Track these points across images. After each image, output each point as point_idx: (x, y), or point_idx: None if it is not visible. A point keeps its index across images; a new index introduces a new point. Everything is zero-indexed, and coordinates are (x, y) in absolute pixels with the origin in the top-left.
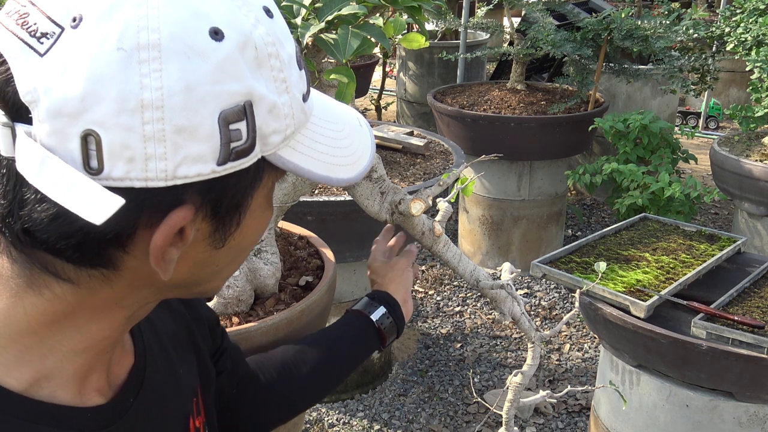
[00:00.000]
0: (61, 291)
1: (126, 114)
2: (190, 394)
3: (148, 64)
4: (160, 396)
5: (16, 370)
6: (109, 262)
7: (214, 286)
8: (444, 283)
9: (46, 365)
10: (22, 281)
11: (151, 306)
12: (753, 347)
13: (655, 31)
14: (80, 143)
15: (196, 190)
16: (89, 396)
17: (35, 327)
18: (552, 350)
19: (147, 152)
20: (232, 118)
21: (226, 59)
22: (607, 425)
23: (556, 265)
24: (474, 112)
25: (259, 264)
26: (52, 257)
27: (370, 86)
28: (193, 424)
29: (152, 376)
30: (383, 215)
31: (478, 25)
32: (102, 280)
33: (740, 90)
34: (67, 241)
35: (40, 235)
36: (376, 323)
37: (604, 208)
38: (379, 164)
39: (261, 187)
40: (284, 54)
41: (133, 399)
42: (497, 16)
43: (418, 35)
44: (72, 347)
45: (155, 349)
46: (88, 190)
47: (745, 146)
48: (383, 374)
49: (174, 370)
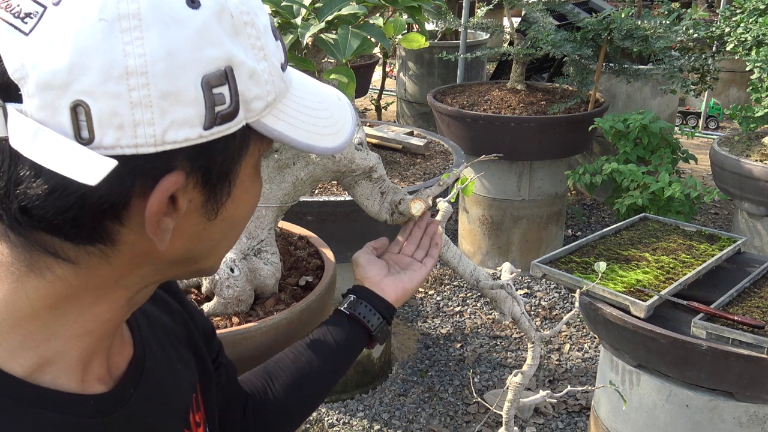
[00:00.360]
0: (62, 272)
1: (112, 82)
2: (189, 389)
3: (129, 32)
4: (160, 388)
5: (20, 355)
6: (106, 237)
7: (212, 263)
8: (444, 283)
9: (49, 350)
10: (23, 266)
11: (151, 289)
12: (753, 347)
13: (655, 31)
14: (70, 114)
15: (185, 155)
16: (91, 384)
17: (38, 311)
18: (552, 350)
19: (135, 118)
20: (214, 83)
21: (203, 26)
22: (607, 425)
23: (556, 265)
24: (474, 112)
25: (259, 264)
26: (51, 237)
27: (370, 86)
28: (193, 419)
29: (151, 368)
30: (383, 215)
31: (478, 25)
32: (101, 257)
33: (740, 90)
34: (63, 215)
35: (37, 212)
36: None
37: (604, 208)
38: (379, 164)
39: (248, 155)
40: (259, 23)
41: (133, 389)
42: (497, 16)
43: (418, 35)
44: (75, 331)
45: (153, 343)
46: (81, 156)
47: (745, 146)
48: (383, 374)
49: (172, 365)
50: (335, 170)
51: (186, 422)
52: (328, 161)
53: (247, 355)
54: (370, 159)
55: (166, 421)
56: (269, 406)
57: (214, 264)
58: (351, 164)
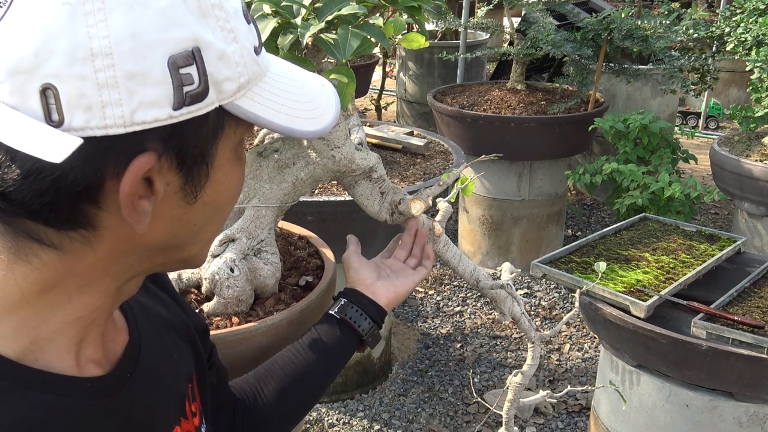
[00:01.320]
0: (48, 258)
1: (78, 64)
2: (185, 378)
3: (93, 15)
4: (156, 374)
5: (13, 341)
6: (85, 221)
7: (197, 251)
8: (444, 283)
9: (40, 336)
10: (10, 253)
11: (140, 280)
12: (753, 347)
13: (655, 31)
14: (40, 98)
15: (156, 136)
16: (87, 367)
17: (28, 298)
18: (552, 350)
19: (102, 99)
20: (181, 63)
21: (168, 7)
22: (607, 425)
23: (556, 265)
24: (474, 112)
25: (259, 264)
26: (34, 223)
27: (370, 86)
28: (189, 407)
29: (147, 355)
30: (383, 215)
31: (478, 25)
32: (83, 243)
33: (740, 90)
34: (40, 199)
35: (15, 197)
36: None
37: (604, 208)
38: (379, 164)
39: (224, 138)
40: (228, 6)
41: (130, 374)
42: (497, 16)
43: (418, 35)
44: (65, 317)
45: (149, 331)
46: (49, 136)
47: (745, 146)
48: (383, 374)
49: (168, 354)
50: (335, 170)
51: (182, 410)
52: (328, 161)
53: (247, 355)
54: (370, 159)
55: (163, 406)
56: (259, 411)
57: (199, 252)
58: (351, 164)
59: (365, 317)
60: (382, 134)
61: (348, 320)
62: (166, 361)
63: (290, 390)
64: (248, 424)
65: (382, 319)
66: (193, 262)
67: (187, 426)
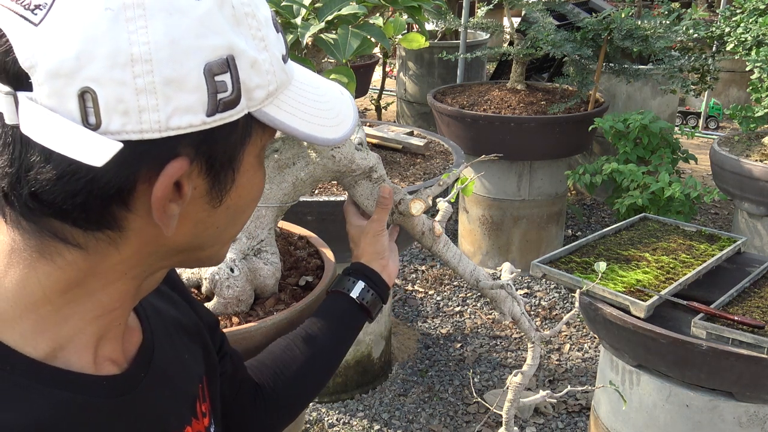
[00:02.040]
0: (72, 258)
1: (118, 69)
2: (196, 379)
3: (134, 21)
4: (168, 374)
5: (33, 339)
6: (114, 223)
7: (217, 251)
8: (444, 283)
9: (60, 334)
10: (34, 251)
11: (158, 277)
12: (753, 347)
13: (655, 31)
14: (78, 101)
15: (189, 142)
16: (103, 366)
17: (50, 296)
18: (552, 350)
19: (140, 104)
20: (216, 70)
21: (205, 15)
22: (607, 425)
23: (556, 265)
24: (474, 112)
25: (259, 264)
26: (61, 223)
27: (370, 86)
28: (199, 408)
29: (160, 355)
30: None
31: (478, 25)
32: (109, 243)
33: (740, 90)
34: (72, 200)
35: (47, 197)
36: (357, 300)
37: (604, 208)
38: (379, 164)
39: (251, 144)
40: (260, 15)
41: (144, 374)
42: (497, 16)
43: (418, 35)
44: (85, 316)
45: (160, 332)
46: (88, 139)
47: (745, 146)
48: (383, 374)
49: (179, 354)
50: (335, 170)
51: (193, 410)
52: (328, 161)
53: (247, 355)
54: (370, 159)
55: (175, 406)
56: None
57: (219, 251)
58: (351, 164)
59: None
60: (382, 134)
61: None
62: (177, 361)
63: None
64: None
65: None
66: (212, 261)
67: (198, 426)
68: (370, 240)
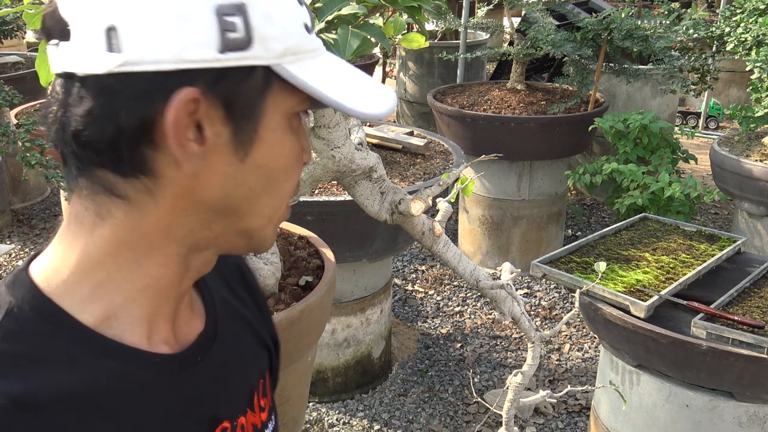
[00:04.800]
0: (119, 215)
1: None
2: (257, 374)
3: None
4: (228, 364)
5: (90, 305)
6: (145, 165)
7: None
8: (444, 283)
9: (115, 302)
10: (92, 215)
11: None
12: (753, 347)
13: (655, 31)
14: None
15: (204, 78)
16: (156, 344)
17: (103, 260)
18: (552, 350)
19: (156, 36)
20: (227, 11)
21: None
22: (607, 425)
23: (556, 265)
24: (474, 112)
25: (259, 264)
26: (103, 171)
27: None
28: (257, 401)
29: (221, 344)
30: (383, 215)
31: (478, 25)
32: (146, 193)
33: (740, 90)
34: (102, 137)
35: (84, 136)
36: None
37: (604, 208)
38: (379, 164)
39: (273, 99)
40: None
41: (201, 358)
42: (497, 16)
43: (418, 35)
44: (135, 285)
45: (228, 325)
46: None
47: (745, 146)
48: (383, 374)
49: (243, 350)
50: (335, 170)
51: (250, 402)
52: (328, 161)
53: None
54: (370, 159)
55: (231, 395)
56: None
57: (262, 228)
58: (351, 164)
59: None
60: (382, 134)
61: None
62: (240, 354)
63: None
64: None
65: None
66: (255, 239)
67: (253, 419)
68: None
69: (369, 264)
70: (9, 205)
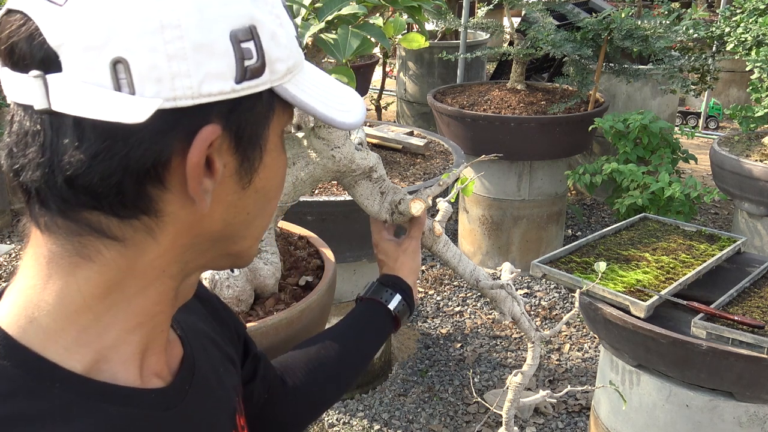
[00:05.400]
0: (110, 255)
1: (148, 35)
2: (232, 392)
3: None
4: (210, 388)
5: (76, 352)
6: (149, 206)
7: (248, 246)
8: (444, 283)
9: (104, 345)
10: (73, 256)
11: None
12: (753, 347)
13: (655, 31)
14: (110, 72)
15: (219, 111)
16: (149, 379)
17: (89, 303)
18: (552, 350)
19: (172, 71)
20: (242, 37)
21: None
22: (607, 425)
23: (556, 265)
24: (474, 112)
25: (259, 264)
26: (97, 214)
27: (370, 86)
28: (239, 421)
29: (200, 368)
30: (383, 215)
31: (478, 25)
32: (146, 233)
33: (740, 90)
34: (108, 181)
35: (82, 181)
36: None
37: (604, 208)
38: (379, 164)
39: (274, 120)
40: None
41: (188, 386)
42: (497, 16)
43: (418, 35)
44: (126, 324)
45: (197, 345)
46: (126, 101)
47: (745, 146)
48: (383, 374)
49: (215, 367)
50: (335, 170)
51: (233, 423)
52: (328, 161)
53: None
54: (370, 159)
55: (219, 418)
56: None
57: (249, 248)
58: (351, 164)
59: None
60: (382, 134)
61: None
62: (215, 374)
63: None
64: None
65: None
66: (243, 258)
67: None
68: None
69: (369, 264)
70: (9, 205)
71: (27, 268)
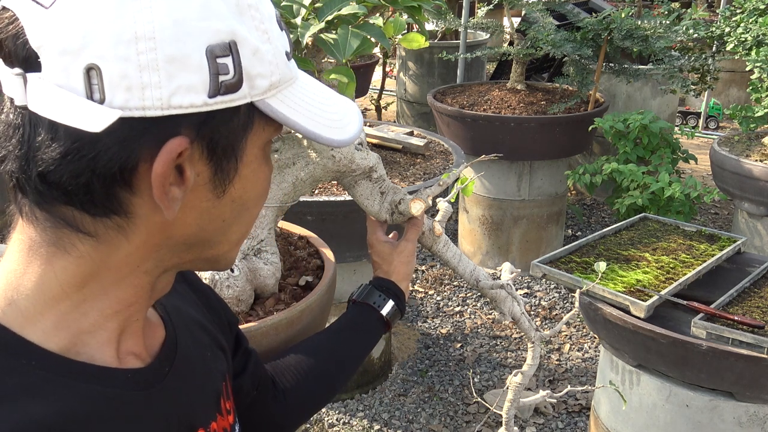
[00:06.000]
0: (85, 249)
1: (122, 45)
2: (219, 376)
3: (139, 1)
4: (193, 370)
5: (54, 335)
6: (119, 207)
7: (226, 251)
8: (444, 283)
9: (81, 329)
10: (50, 245)
11: (171, 276)
12: (753, 347)
13: (655, 31)
14: (84, 78)
15: (190, 122)
16: (126, 359)
17: (68, 291)
18: (552, 350)
19: (143, 81)
20: (218, 53)
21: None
22: (607, 425)
23: (556, 265)
24: (474, 112)
25: (259, 264)
26: (71, 209)
27: (370, 86)
28: (224, 405)
29: (183, 351)
30: (383, 215)
31: (478, 25)
32: (118, 231)
33: (740, 90)
34: (76, 180)
35: (53, 177)
36: (385, 317)
37: (604, 208)
38: (379, 164)
39: (253, 134)
40: (264, 10)
41: (168, 367)
42: (497, 16)
43: (418, 35)
44: (103, 312)
45: (183, 329)
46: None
47: (745, 146)
48: (383, 374)
49: (202, 352)
50: (335, 170)
51: (218, 407)
52: (328, 161)
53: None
54: (370, 159)
55: (201, 401)
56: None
57: (227, 252)
58: (351, 164)
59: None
60: (382, 134)
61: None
62: (201, 358)
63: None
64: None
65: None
66: (221, 263)
67: (223, 423)
68: (404, 260)
69: (369, 264)
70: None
71: (10, 252)
